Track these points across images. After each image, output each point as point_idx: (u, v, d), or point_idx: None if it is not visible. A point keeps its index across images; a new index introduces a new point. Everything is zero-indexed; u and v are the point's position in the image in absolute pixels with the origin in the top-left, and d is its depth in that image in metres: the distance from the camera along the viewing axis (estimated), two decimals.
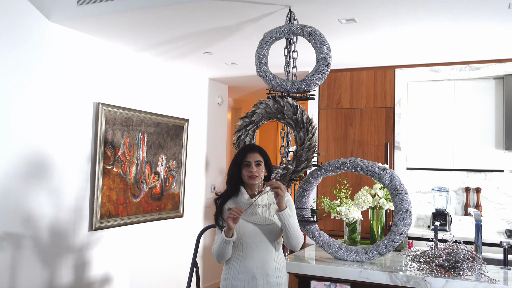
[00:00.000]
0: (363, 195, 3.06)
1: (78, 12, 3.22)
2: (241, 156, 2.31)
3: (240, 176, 2.31)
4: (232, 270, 2.28)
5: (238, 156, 2.32)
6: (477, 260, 2.39)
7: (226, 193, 2.33)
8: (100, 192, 3.71)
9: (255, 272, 2.25)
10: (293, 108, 2.79)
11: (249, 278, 2.25)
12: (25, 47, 3.16)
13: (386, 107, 4.41)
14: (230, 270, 2.29)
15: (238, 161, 2.30)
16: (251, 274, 2.25)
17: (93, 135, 3.70)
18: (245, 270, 2.25)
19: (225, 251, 2.23)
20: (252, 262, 2.26)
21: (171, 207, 4.63)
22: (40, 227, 3.27)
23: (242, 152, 2.32)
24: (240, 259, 2.27)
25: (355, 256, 2.66)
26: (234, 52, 4.11)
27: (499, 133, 4.12)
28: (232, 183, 2.31)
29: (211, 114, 5.48)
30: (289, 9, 2.94)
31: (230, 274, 2.29)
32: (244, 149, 2.34)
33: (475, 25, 3.21)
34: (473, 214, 2.95)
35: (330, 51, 2.81)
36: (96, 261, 3.76)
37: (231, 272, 2.28)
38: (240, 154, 2.32)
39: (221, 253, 2.24)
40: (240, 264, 2.26)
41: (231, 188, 2.32)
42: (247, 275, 2.25)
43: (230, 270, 2.29)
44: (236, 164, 2.31)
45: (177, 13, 3.10)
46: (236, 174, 2.31)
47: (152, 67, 4.42)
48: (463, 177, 4.44)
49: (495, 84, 4.18)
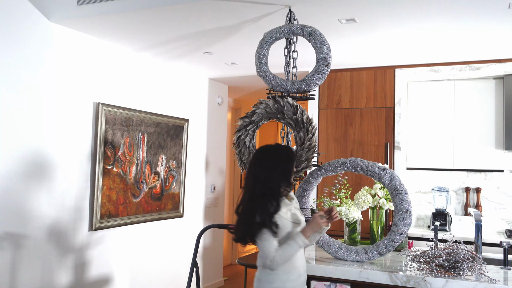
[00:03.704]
0: (363, 195, 3.06)
1: (78, 12, 3.22)
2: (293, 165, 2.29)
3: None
4: (279, 273, 2.20)
5: (292, 164, 2.27)
6: (477, 260, 2.39)
7: (279, 200, 2.24)
8: (100, 192, 3.71)
9: (300, 270, 2.25)
10: (293, 108, 2.79)
11: (296, 277, 2.23)
12: (25, 47, 3.16)
13: (386, 107, 4.41)
14: (277, 273, 2.20)
15: (291, 167, 2.27)
16: (298, 273, 2.24)
17: (93, 135, 3.70)
18: (293, 269, 2.22)
19: (294, 255, 2.21)
20: (298, 260, 2.25)
21: (171, 207, 4.63)
22: (40, 227, 3.27)
23: (293, 161, 2.28)
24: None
25: (355, 256, 2.66)
26: (234, 52, 4.11)
27: (499, 133, 4.12)
28: (277, 188, 2.23)
29: (211, 114, 5.48)
30: (289, 9, 2.94)
31: (278, 277, 2.20)
32: (294, 157, 2.31)
33: (475, 25, 3.21)
34: (473, 214, 2.95)
35: (330, 51, 2.81)
36: (96, 261, 3.76)
37: (279, 274, 2.20)
38: (292, 162, 2.28)
39: (290, 258, 2.18)
40: (289, 264, 2.21)
41: (278, 193, 2.23)
42: (294, 274, 2.22)
43: (278, 273, 2.20)
44: (291, 170, 2.26)
45: (177, 13, 3.10)
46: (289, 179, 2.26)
47: (152, 67, 4.42)
48: (463, 177, 4.44)
49: (495, 84, 4.18)
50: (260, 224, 2.12)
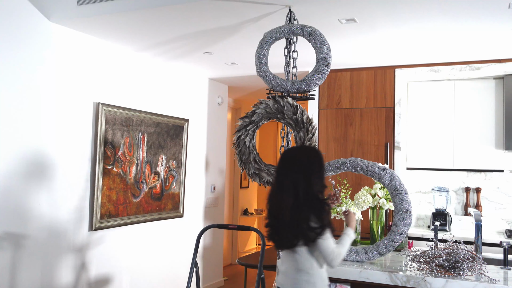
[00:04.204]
0: (363, 195, 3.06)
1: (78, 12, 3.22)
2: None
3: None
4: (318, 281, 2.18)
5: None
6: (477, 260, 2.39)
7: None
8: (100, 192, 3.71)
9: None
10: (293, 108, 2.79)
11: (327, 282, 2.23)
12: (25, 47, 3.16)
13: (386, 107, 4.41)
14: (316, 283, 2.18)
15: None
16: (327, 279, 2.24)
17: (93, 135, 3.70)
18: (326, 276, 2.23)
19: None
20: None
21: (171, 207, 4.63)
22: (40, 227, 3.27)
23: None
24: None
25: (355, 256, 2.66)
26: (234, 52, 4.11)
27: (499, 133, 4.12)
28: (323, 190, 2.23)
29: (211, 114, 5.48)
30: (289, 9, 2.94)
31: (324, 283, 2.20)
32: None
33: (475, 25, 3.21)
34: (473, 214, 2.95)
35: (330, 51, 2.81)
36: (96, 261, 3.76)
37: (318, 283, 2.18)
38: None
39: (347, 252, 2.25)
40: (324, 272, 2.22)
41: (323, 195, 2.25)
42: (326, 280, 2.23)
43: (317, 282, 2.18)
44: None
45: (177, 13, 3.10)
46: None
47: (152, 67, 4.42)
48: (463, 177, 4.44)
49: (495, 84, 4.18)
50: (321, 227, 2.09)
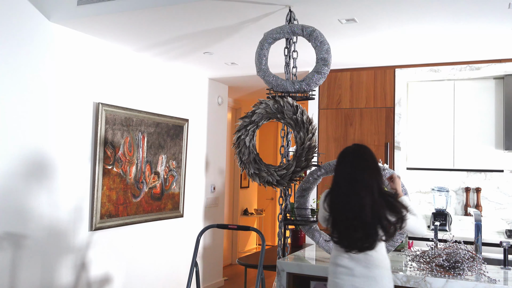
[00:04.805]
0: None
1: (78, 12, 3.22)
2: None
3: None
4: (387, 272, 2.20)
5: None
6: (477, 260, 2.39)
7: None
8: (100, 192, 3.71)
9: None
10: (293, 108, 2.79)
11: None
12: (25, 47, 3.16)
13: (386, 107, 4.41)
14: (388, 270, 2.21)
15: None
16: None
17: (93, 135, 3.70)
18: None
19: None
20: None
21: (171, 207, 4.63)
22: (40, 227, 3.27)
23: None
24: None
25: None
26: (234, 52, 4.11)
27: (499, 133, 4.12)
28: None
29: (211, 114, 5.48)
30: (289, 9, 2.94)
31: (389, 273, 2.21)
32: None
33: (475, 25, 3.21)
34: (473, 214, 2.95)
35: (330, 51, 2.81)
36: (96, 261, 3.76)
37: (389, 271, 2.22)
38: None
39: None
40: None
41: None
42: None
43: (388, 270, 2.21)
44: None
45: (177, 13, 3.10)
46: None
47: (152, 67, 4.42)
48: (463, 177, 4.44)
49: (495, 84, 4.18)
50: (400, 218, 2.13)
